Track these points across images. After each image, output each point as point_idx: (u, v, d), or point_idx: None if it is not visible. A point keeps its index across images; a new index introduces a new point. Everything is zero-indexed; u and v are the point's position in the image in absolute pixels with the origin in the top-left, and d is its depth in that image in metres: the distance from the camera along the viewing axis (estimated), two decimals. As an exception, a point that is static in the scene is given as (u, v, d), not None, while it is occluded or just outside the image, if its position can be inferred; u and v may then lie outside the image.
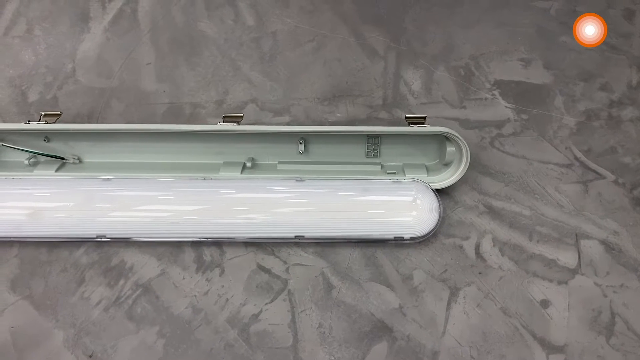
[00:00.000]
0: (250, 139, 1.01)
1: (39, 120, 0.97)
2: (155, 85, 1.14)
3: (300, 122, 1.09)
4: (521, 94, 1.11)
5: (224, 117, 0.98)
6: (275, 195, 0.95)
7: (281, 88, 1.13)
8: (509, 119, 1.09)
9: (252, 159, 1.02)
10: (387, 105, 1.10)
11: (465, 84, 1.12)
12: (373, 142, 1.00)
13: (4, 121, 1.10)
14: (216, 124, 0.95)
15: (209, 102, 1.12)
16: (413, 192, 0.94)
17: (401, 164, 1.02)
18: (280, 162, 1.02)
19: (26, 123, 0.95)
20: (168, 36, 1.20)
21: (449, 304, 0.89)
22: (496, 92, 1.11)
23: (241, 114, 0.97)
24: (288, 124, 1.09)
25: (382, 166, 1.01)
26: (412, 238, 0.93)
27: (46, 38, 1.19)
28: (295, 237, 0.93)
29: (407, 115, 0.98)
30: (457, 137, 0.92)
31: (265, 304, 0.90)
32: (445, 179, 0.97)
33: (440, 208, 0.93)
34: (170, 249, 0.95)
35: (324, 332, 0.87)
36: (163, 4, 1.24)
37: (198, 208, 0.94)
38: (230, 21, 1.21)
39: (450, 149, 0.95)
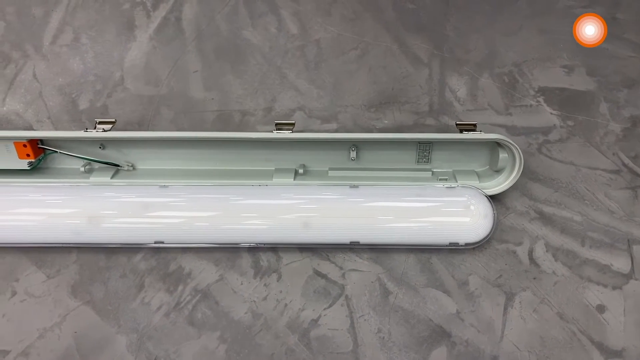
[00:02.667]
0: (302, 146, 1.02)
1: (95, 128, 0.99)
2: (204, 93, 1.15)
3: (348, 129, 1.10)
4: (566, 101, 1.12)
5: (277, 124, 0.99)
6: (330, 202, 0.96)
7: (327, 95, 1.14)
8: (554, 125, 1.10)
9: (303, 165, 1.03)
10: (433, 111, 1.12)
11: (510, 91, 1.14)
12: (424, 149, 1.01)
13: (56, 128, 1.12)
14: (271, 131, 0.97)
15: (257, 110, 1.13)
16: (467, 198, 0.95)
17: (451, 170, 1.03)
18: (330, 169, 1.03)
19: (85, 131, 0.97)
20: (213, 44, 1.21)
21: (505, 309, 0.90)
22: (541, 99, 1.13)
23: (293, 122, 0.99)
24: (336, 131, 1.10)
25: (433, 172, 1.02)
26: (467, 244, 0.94)
27: (93, 46, 1.21)
28: (351, 242, 0.94)
29: (457, 122, 0.99)
30: (511, 143, 0.93)
31: (324, 309, 0.91)
32: (498, 185, 0.98)
33: (494, 214, 0.94)
34: (227, 254, 0.96)
35: (384, 337, 0.88)
36: (207, 12, 1.25)
37: (253, 214, 0.95)
38: (274, 29, 1.23)
39: (503, 155, 0.96)
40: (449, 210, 0.95)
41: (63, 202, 0.96)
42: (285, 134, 0.96)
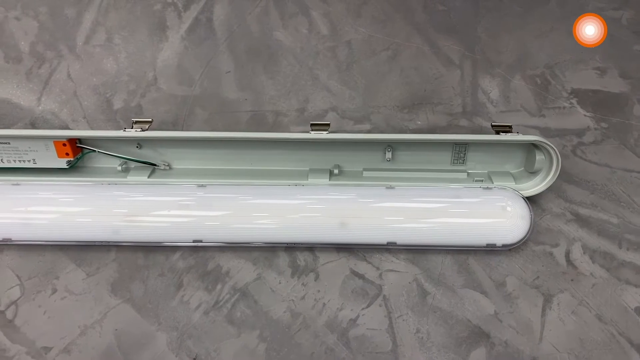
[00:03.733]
0: (336, 146, 1.02)
1: (132, 128, 1.00)
2: (237, 94, 1.16)
3: (382, 129, 1.11)
4: (599, 103, 1.12)
5: (312, 125, 1.00)
6: (367, 202, 0.96)
7: (360, 96, 1.15)
8: (588, 127, 1.10)
9: (338, 166, 1.04)
10: (467, 113, 1.12)
11: (543, 93, 1.14)
12: (459, 150, 1.01)
13: (92, 128, 1.13)
14: (308, 132, 0.97)
15: (290, 111, 1.14)
16: (504, 200, 0.95)
17: (486, 171, 1.03)
18: (365, 169, 1.04)
19: (124, 130, 0.97)
20: (245, 45, 1.22)
21: (543, 310, 0.90)
22: (574, 101, 1.13)
23: (328, 122, 0.99)
24: (369, 131, 1.11)
25: (468, 174, 1.02)
26: (504, 245, 0.94)
27: (126, 47, 1.22)
28: (388, 243, 0.95)
29: (493, 124, 0.99)
30: (549, 145, 0.93)
31: (362, 309, 0.91)
32: (534, 186, 0.98)
33: (531, 215, 0.94)
34: (265, 253, 0.97)
35: (422, 338, 0.88)
36: (237, 13, 1.26)
37: (290, 214, 0.96)
38: (305, 30, 1.24)
39: (540, 157, 0.96)
40: (486, 211, 0.95)
41: (102, 200, 0.97)
42: (323, 135, 0.96)
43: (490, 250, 0.95)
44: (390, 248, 0.96)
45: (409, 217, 0.95)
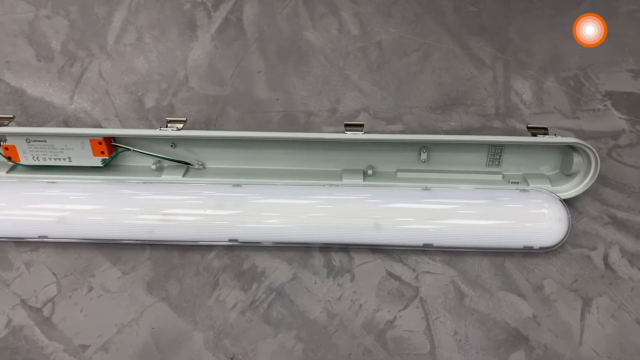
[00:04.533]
0: (370, 147, 1.02)
1: (167, 127, 1.00)
2: (268, 94, 1.16)
3: (414, 130, 1.10)
4: (634, 105, 1.11)
5: (346, 125, 0.99)
6: (403, 203, 0.96)
7: (391, 97, 1.14)
8: (624, 130, 1.09)
9: (371, 166, 1.04)
10: (500, 114, 1.11)
11: (576, 95, 1.13)
12: (495, 152, 1.01)
13: (124, 126, 1.13)
14: (343, 132, 0.97)
15: (322, 111, 1.14)
16: (541, 202, 0.94)
17: (521, 173, 1.02)
18: (399, 170, 1.03)
19: (160, 129, 0.98)
20: (275, 45, 1.22)
21: (582, 314, 0.89)
22: (608, 103, 1.12)
23: (362, 123, 0.99)
24: (402, 132, 1.10)
25: (503, 175, 1.02)
26: (541, 248, 0.93)
27: (157, 46, 1.23)
28: (424, 245, 0.94)
29: (529, 125, 0.99)
30: (588, 147, 0.92)
31: (399, 310, 0.91)
32: (571, 189, 0.98)
33: (569, 218, 0.93)
34: (300, 253, 0.97)
35: (460, 340, 0.87)
36: (267, 13, 1.26)
37: (325, 214, 0.96)
38: (335, 31, 1.23)
39: (577, 159, 0.96)
40: (524, 213, 0.94)
41: (137, 199, 0.98)
42: (358, 135, 0.96)
43: (527, 252, 0.95)
44: (426, 250, 0.96)
45: (446, 219, 0.94)
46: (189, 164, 1.04)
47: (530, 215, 0.94)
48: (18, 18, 1.26)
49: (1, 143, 1.01)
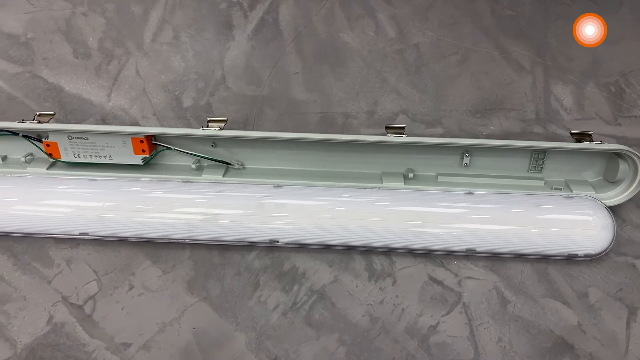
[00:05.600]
0: (410, 150, 1.02)
1: (207, 126, 1.00)
2: (305, 95, 1.16)
3: (454, 134, 1.09)
4: (676, 113, 1.10)
5: (387, 127, 0.99)
6: (446, 208, 0.95)
7: (430, 100, 1.14)
8: (667, 137, 1.08)
9: (412, 169, 1.03)
10: (540, 119, 1.10)
11: (618, 101, 1.12)
12: (538, 157, 1.00)
13: (162, 125, 1.13)
14: (386, 134, 0.97)
15: (360, 113, 1.13)
16: (586, 209, 0.93)
17: (563, 179, 1.01)
18: (440, 174, 1.02)
19: (203, 129, 0.98)
20: (312, 46, 1.22)
21: (628, 323, 0.88)
22: (650, 110, 1.11)
23: (404, 125, 0.98)
24: (441, 135, 1.09)
25: (545, 182, 1.01)
26: (586, 255, 0.92)
27: (193, 45, 1.23)
28: (467, 250, 0.94)
29: (573, 131, 0.98)
30: (635, 154, 0.91)
31: (442, 315, 0.90)
32: (616, 196, 0.97)
33: (614, 226, 0.92)
34: (340, 256, 0.96)
35: (505, 347, 0.87)
36: (304, 13, 1.26)
37: (366, 217, 0.95)
38: (372, 33, 1.23)
39: (623, 166, 0.95)
40: (568, 220, 0.93)
41: (177, 198, 0.98)
42: (402, 138, 0.95)
43: (570, 260, 0.94)
44: (469, 255, 0.95)
45: (489, 224, 0.93)
46: (229, 164, 1.04)
47: (575, 222, 0.93)
48: (55, 15, 1.27)
49: (43, 140, 1.01)
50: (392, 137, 0.96)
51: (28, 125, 0.99)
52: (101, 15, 1.27)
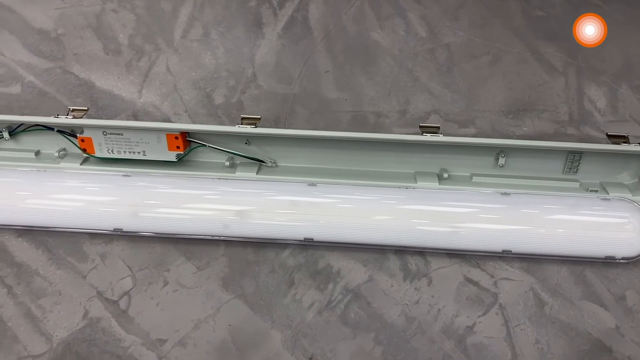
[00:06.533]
0: (443, 149, 1.01)
1: (241, 124, 1.00)
2: (336, 93, 1.16)
3: (487, 134, 1.09)
4: None
5: (421, 127, 0.99)
6: (481, 208, 0.95)
7: (462, 100, 1.13)
8: (702, 141, 1.07)
9: (445, 169, 1.02)
10: (574, 121, 1.10)
11: (652, 104, 1.11)
12: (573, 159, 0.99)
13: (193, 122, 1.13)
14: (421, 134, 0.96)
15: (391, 112, 1.13)
16: (624, 211, 0.93)
17: (599, 181, 1.01)
18: (474, 174, 1.02)
19: (238, 126, 0.97)
20: (342, 44, 1.22)
21: (667, 327, 0.88)
22: (685, 113, 1.10)
23: (438, 125, 0.98)
24: (474, 135, 1.09)
25: (580, 183, 1.00)
26: (624, 258, 0.92)
27: (223, 42, 1.23)
28: (503, 251, 0.93)
29: (609, 133, 0.97)
30: (675, 158, 0.91)
31: (478, 316, 0.90)
32: (654, 199, 0.96)
33: (652, 229, 0.91)
34: (375, 255, 0.96)
35: (542, 349, 0.86)
36: (333, 12, 1.26)
37: (401, 216, 0.95)
38: (402, 32, 1.23)
39: (662, 169, 0.94)
40: (606, 222, 0.93)
41: (212, 195, 0.98)
42: (438, 138, 0.95)
43: (608, 262, 0.93)
44: (504, 256, 0.94)
45: (526, 225, 0.93)
46: (263, 162, 1.03)
47: (613, 225, 0.92)
48: (85, 11, 1.27)
49: (77, 135, 1.01)
50: (428, 137, 0.95)
51: (64, 120, 0.99)
52: (131, 11, 1.28)
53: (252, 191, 0.98)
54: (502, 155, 0.99)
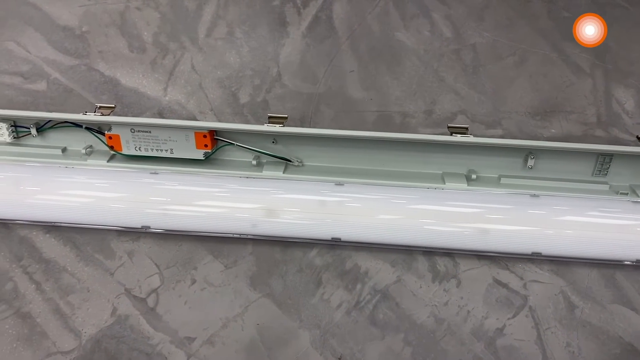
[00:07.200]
0: (471, 150, 1.01)
1: (268, 123, 1.00)
2: (361, 93, 1.15)
3: (514, 135, 1.08)
4: None
5: (449, 127, 0.98)
6: (510, 210, 0.94)
7: (489, 100, 1.13)
8: None
9: (474, 170, 1.02)
10: (602, 123, 1.09)
11: (680, 106, 1.10)
12: (603, 161, 0.99)
13: (219, 120, 1.13)
14: (450, 134, 0.96)
15: (417, 112, 1.13)
16: (655, 215, 0.92)
17: (628, 184, 1.00)
18: (502, 176, 1.01)
19: (267, 125, 0.97)
20: (366, 44, 1.21)
21: (699, 331, 0.87)
22: None
23: (467, 125, 0.97)
24: (502, 137, 1.09)
25: (610, 186, 1.00)
26: (656, 262, 0.91)
27: (248, 41, 1.23)
28: (532, 253, 0.93)
29: (639, 136, 0.97)
30: None
31: (508, 318, 0.89)
32: (685, 203, 0.95)
33: (684, 233, 0.91)
34: (403, 256, 0.96)
35: (573, 352, 0.86)
36: (357, 12, 1.25)
37: (429, 217, 0.95)
38: (427, 32, 1.22)
39: (695, 173, 0.93)
40: (636, 225, 0.92)
41: (239, 193, 0.97)
42: (469, 139, 0.95)
43: (638, 266, 0.92)
44: (533, 258, 0.94)
45: (556, 228, 0.92)
46: (289, 161, 1.03)
47: (644, 228, 0.92)
48: (109, 8, 1.27)
49: (105, 132, 1.01)
50: (458, 138, 0.95)
51: (93, 117, 0.99)
52: (155, 9, 1.28)
53: (279, 190, 0.98)
54: (532, 156, 0.98)
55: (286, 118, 1.01)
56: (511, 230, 0.93)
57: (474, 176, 1.01)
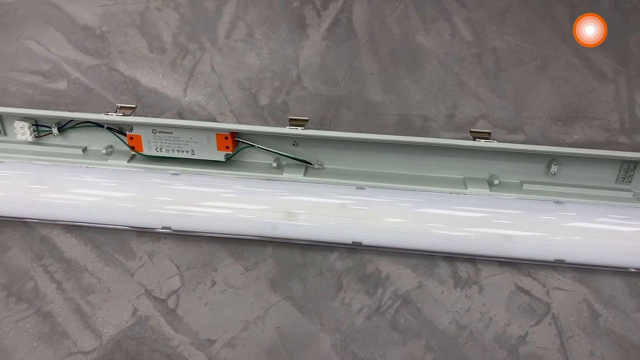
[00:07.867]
0: (493, 155, 1.00)
1: (289, 125, 0.99)
2: (382, 96, 1.15)
3: (537, 141, 1.07)
4: None
5: (472, 132, 0.98)
6: (534, 216, 0.93)
7: (511, 105, 1.12)
8: None
9: (496, 176, 1.01)
10: (625, 130, 1.08)
11: None
12: (627, 168, 0.98)
13: (239, 122, 1.13)
14: (473, 139, 0.95)
15: (438, 116, 1.12)
16: (681, 224, 0.91)
17: (653, 192, 0.99)
18: (524, 182, 1.01)
19: (289, 127, 0.97)
20: (387, 47, 1.21)
21: None
22: None
23: (489, 130, 0.97)
24: (524, 142, 1.08)
25: (634, 193, 0.99)
26: (681, 271, 0.90)
27: (267, 43, 1.22)
28: (555, 260, 0.92)
29: (665, 143, 0.96)
30: None
31: (530, 326, 0.89)
32: None
33: None
34: (424, 261, 0.95)
35: (597, 361, 0.85)
36: (377, 14, 1.25)
37: (452, 222, 0.94)
38: (448, 35, 1.21)
39: None
40: (662, 234, 0.91)
41: (260, 195, 0.97)
42: (492, 144, 0.94)
43: (663, 275, 0.92)
44: (556, 265, 0.93)
45: (579, 235, 0.91)
46: (310, 164, 1.03)
47: (670, 237, 0.91)
48: (129, 9, 1.27)
49: (126, 132, 1.01)
50: (482, 143, 0.94)
51: (115, 117, 0.99)
52: (174, 10, 1.28)
53: (300, 192, 0.97)
54: (555, 163, 0.98)
55: (307, 120, 1.00)
56: (534, 237, 0.92)
57: (496, 182, 1.00)
